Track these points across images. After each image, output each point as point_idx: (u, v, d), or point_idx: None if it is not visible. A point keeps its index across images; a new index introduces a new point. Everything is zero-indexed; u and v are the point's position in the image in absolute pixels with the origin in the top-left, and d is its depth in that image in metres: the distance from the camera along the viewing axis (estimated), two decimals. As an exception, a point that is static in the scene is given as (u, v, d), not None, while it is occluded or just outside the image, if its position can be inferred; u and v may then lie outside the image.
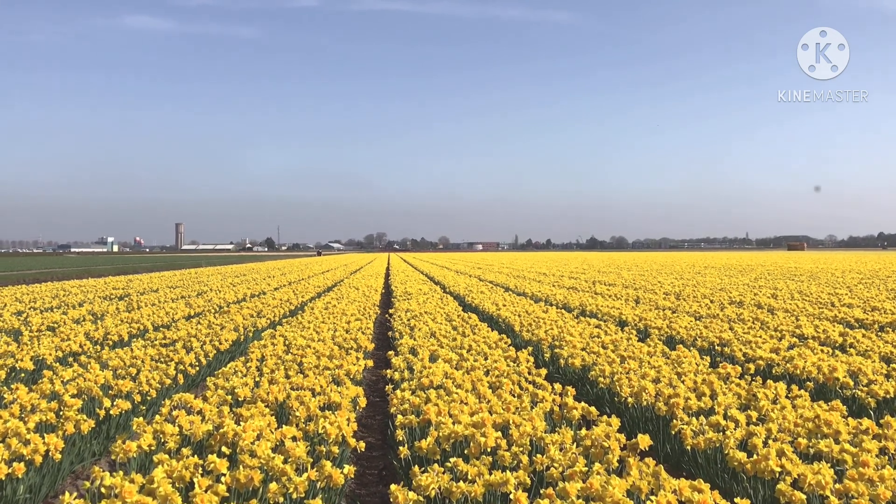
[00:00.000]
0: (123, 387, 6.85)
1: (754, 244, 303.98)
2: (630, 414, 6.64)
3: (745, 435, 4.94)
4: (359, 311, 14.14)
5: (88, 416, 6.03)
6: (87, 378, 7.00)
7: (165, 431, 5.01)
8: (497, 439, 4.76)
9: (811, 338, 10.01)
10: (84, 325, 12.21)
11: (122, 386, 6.86)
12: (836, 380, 6.83)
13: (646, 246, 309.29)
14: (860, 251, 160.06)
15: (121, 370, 7.80)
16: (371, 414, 8.14)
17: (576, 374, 8.63)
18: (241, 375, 7.44)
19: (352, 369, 7.57)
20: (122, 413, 6.57)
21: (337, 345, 9.45)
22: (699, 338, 10.13)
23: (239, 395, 6.44)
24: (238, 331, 11.88)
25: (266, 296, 19.92)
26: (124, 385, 6.87)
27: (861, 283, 24.32)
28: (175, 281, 30.90)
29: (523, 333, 11.29)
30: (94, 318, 14.46)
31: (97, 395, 6.59)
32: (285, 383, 6.69)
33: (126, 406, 6.46)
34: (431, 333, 10.37)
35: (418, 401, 5.86)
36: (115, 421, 6.69)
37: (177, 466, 4.25)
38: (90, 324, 12.63)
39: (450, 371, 7.02)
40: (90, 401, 6.67)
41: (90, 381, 6.89)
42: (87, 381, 6.79)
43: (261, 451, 4.45)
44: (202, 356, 9.33)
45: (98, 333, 11.25)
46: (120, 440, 4.78)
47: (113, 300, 19.80)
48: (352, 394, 6.48)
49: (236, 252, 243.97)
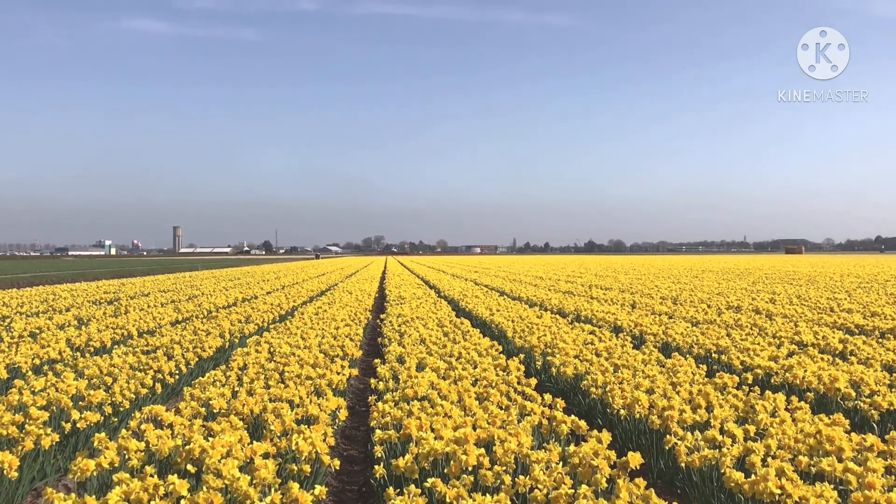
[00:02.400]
0: (94, 398, 6.56)
1: (752, 248, 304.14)
2: (622, 427, 6.36)
3: (742, 451, 4.66)
4: (350, 317, 13.86)
5: (55, 429, 5.76)
6: (59, 388, 6.73)
7: (129, 448, 4.73)
8: (480, 457, 4.47)
9: (811, 345, 9.73)
10: (67, 331, 11.92)
11: (94, 397, 6.57)
12: (838, 390, 6.56)
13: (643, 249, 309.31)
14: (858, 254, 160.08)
15: (96, 379, 7.52)
16: (356, 425, 7.86)
17: (568, 383, 8.36)
18: (220, 385, 7.16)
19: (334, 379, 7.29)
20: (91, 426, 6.29)
21: (323, 352, 9.16)
22: (696, 345, 9.86)
23: (214, 407, 6.16)
24: (224, 337, 11.59)
25: (257, 300, 19.63)
26: (95, 396, 6.58)
27: (860, 287, 24.06)
28: (168, 285, 30.59)
29: (516, 340, 11.02)
30: (78, 324, 14.17)
31: (66, 406, 6.30)
32: (263, 394, 6.40)
33: (96, 418, 6.18)
34: (421, 340, 10.09)
35: (400, 414, 5.59)
36: (85, 434, 6.40)
37: (135, 487, 3.97)
38: (73, 329, 12.34)
39: (436, 381, 6.73)
40: (60, 412, 6.38)
41: (62, 391, 6.62)
42: (59, 392, 6.52)
43: (226, 470, 4.16)
44: (183, 364, 9.05)
45: (80, 339, 10.95)
46: (80, 457, 4.50)
47: (102, 304, 19.50)
48: (332, 406, 6.21)
49: (234, 255, 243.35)
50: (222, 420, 5.47)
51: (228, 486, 4.05)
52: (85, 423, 6.09)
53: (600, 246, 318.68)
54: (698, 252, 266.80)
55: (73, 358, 9.48)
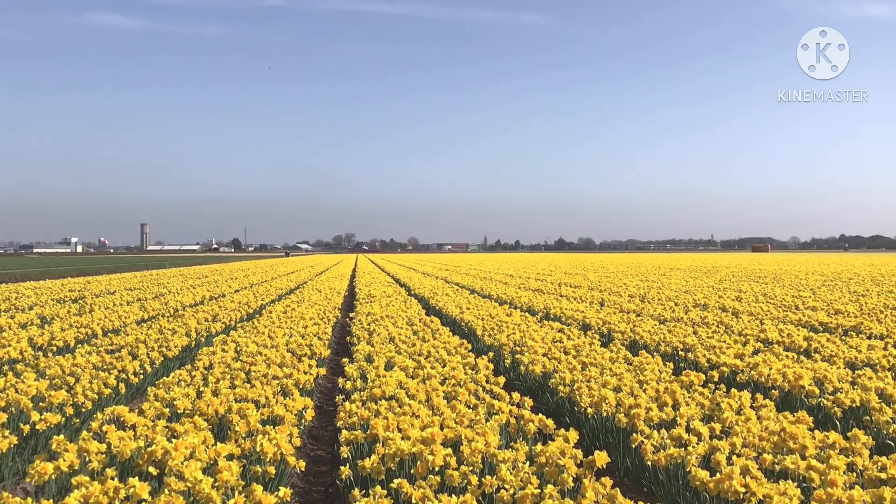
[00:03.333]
0: (55, 398, 6.42)
1: (719, 246, 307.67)
2: (590, 425, 6.38)
3: (708, 449, 4.69)
4: (318, 315, 13.77)
5: (13, 431, 5.64)
6: (18, 389, 6.58)
7: (90, 450, 4.63)
8: (447, 457, 4.45)
9: (776, 342, 9.85)
10: (29, 330, 11.69)
11: (55, 398, 6.44)
12: (802, 388, 6.63)
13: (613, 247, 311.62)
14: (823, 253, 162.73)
15: (58, 379, 7.38)
16: (324, 424, 7.79)
17: (536, 381, 8.37)
18: (185, 385, 7.06)
19: (301, 379, 7.22)
20: (51, 428, 6.16)
21: (290, 351, 9.09)
22: (663, 343, 9.93)
23: (178, 408, 6.07)
24: (190, 336, 11.44)
25: (225, 298, 19.44)
26: (56, 396, 6.45)
27: (824, 285, 24.44)
28: (135, 283, 30.19)
29: (485, 338, 11.01)
30: (41, 323, 13.91)
31: (26, 407, 6.16)
32: (229, 394, 6.32)
33: (56, 420, 6.05)
34: (390, 339, 10.05)
35: (367, 414, 5.55)
36: (44, 436, 6.26)
37: (94, 490, 3.89)
38: (36, 329, 12.11)
39: (404, 380, 6.70)
40: (19, 414, 6.24)
41: (22, 391, 6.48)
42: (18, 393, 6.37)
43: (189, 472, 4.09)
44: (148, 364, 8.92)
45: (43, 339, 10.74)
46: (38, 460, 4.40)
47: (66, 303, 19.17)
48: (299, 406, 6.15)
49: (202, 253, 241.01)
50: (186, 421, 5.39)
51: (191, 489, 3.98)
52: (45, 424, 5.96)
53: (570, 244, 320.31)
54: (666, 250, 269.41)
55: (34, 358, 9.29)
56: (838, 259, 74.95)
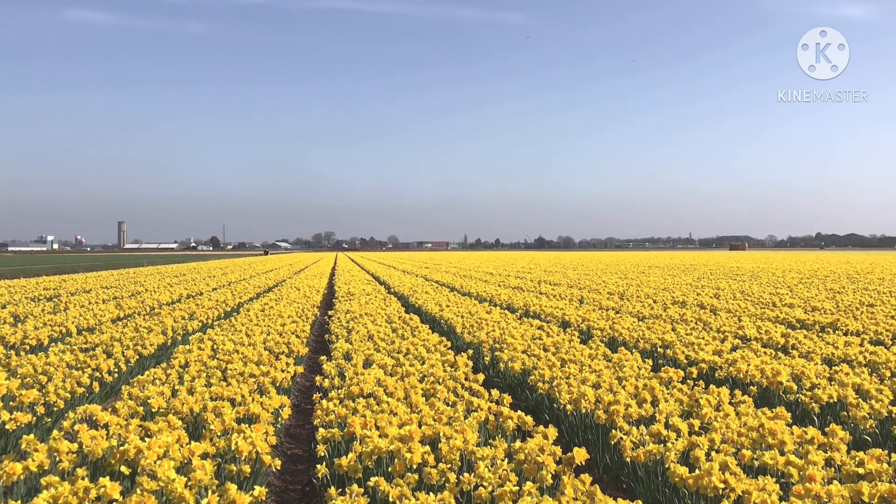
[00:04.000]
0: (26, 398, 6.30)
1: (697, 244, 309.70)
2: (569, 422, 6.35)
3: (687, 446, 4.67)
4: (297, 313, 13.66)
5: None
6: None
7: (60, 449, 4.54)
8: (425, 454, 4.40)
9: (754, 339, 9.90)
10: (1, 329, 11.49)
11: (26, 397, 6.32)
12: (780, 384, 6.65)
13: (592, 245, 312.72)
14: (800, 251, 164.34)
15: (29, 378, 7.24)
16: (301, 423, 7.72)
17: (516, 378, 8.34)
18: (160, 383, 6.97)
19: (278, 377, 7.14)
20: (22, 427, 6.04)
21: (268, 349, 8.99)
22: (641, 339, 9.94)
23: (152, 406, 5.97)
24: (166, 334, 11.31)
25: (202, 297, 19.25)
26: (27, 396, 6.33)
27: (801, 282, 24.64)
28: (111, 281, 29.85)
29: (464, 335, 10.97)
30: (14, 321, 13.70)
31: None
32: (204, 392, 6.23)
33: (27, 419, 5.93)
34: (369, 336, 9.98)
35: (345, 412, 5.48)
36: (15, 436, 6.14)
37: (64, 491, 3.80)
38: (9, 327, 11.91)
39: (383, 378, 6.65)
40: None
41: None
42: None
43: (161, 471, 4.02)
44: (123, 362, 8.79)
45: (15, 337, 10.57)
46: (7, 460, 4.30)
47: (41, 301, 18.91)
48: (275, 404, 6.07)
49: (180, 251, 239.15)
50: (160, 420, 5.30)
51: (163, 489, 3.90)
52: (15, 424, 5.84)
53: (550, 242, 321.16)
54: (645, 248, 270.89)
55: (6, 356, 9.13)
56: (815, 257, 75.66)
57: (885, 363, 7.65)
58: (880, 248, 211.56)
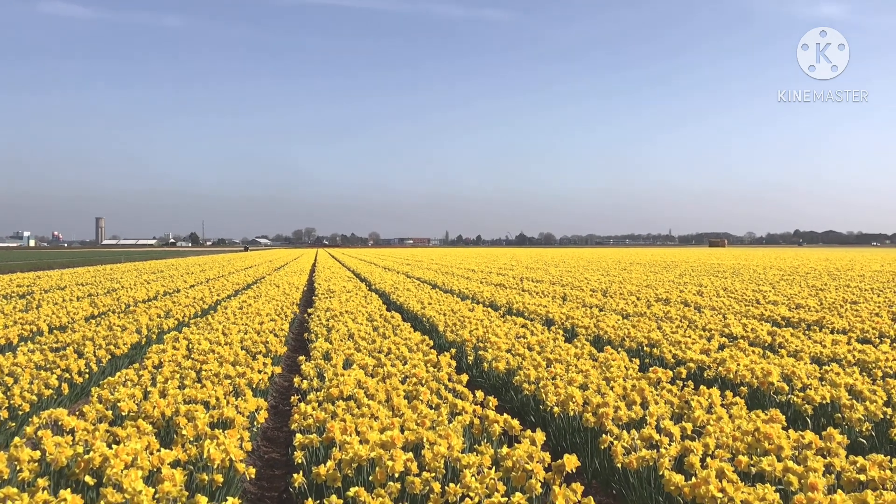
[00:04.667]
0: (-11, 401, 6.02)
1: (677, 241, 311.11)
2: (556, 425, 6.16)
3: (680, 451, 4.50)
4: (276, 311, 13.39)
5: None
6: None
7: (21, 458, 4.28)
8: (408, 462, 4.19)
9: (741, 337, 9.77)
10: (-31, 328, 11.14)
11: (-12, 400, 6.04)
12: (771, 384, 6.49)
13: (573, 242, 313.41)
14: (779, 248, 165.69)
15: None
16: (279, 425, 7.47)
17: (500, 378, 8.14)
18: (132, 385, 6.70)
19: (255, 378, 6.90)
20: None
21: (245, 349, 8.74)
22: (627, 338, 9.78)
23: (122, 410, 5.71)
24: (141, 333, 11.01)
25: (179, 294, 18.90)
26: (-10, 399, 6.05)
27: (783, 279, 24.66)
28: (87, 278, 29.36)
29: (447, 334, 10.76)
30: (-16, 320, 13.30)
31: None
32: (177, 395, 5.97)
33: (-11, 424, 5.66)
34: (350, 335, 9.75)
35: (323, 415, 5.25)
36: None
37: None
38: (-23, 326, 11.56)
39: (363, 379, 6.42)
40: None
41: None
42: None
43: (128, 482, 3.77)
44: (94, 362, 8.51)
45: (-17, 337, 10.24)
46: (-37, 470, 4.04)
47: (12, 299, 18.50)
48: (251, 407, 5.83)
49: (159, 247, 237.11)
50: (130, 424, 5.05)
51: (129, 501, 3.66)
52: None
53: (531, 239, 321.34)
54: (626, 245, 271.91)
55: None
56: (794, 254, 76.23)
57: (875, 362, 7.53)
58: (857, 245, 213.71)
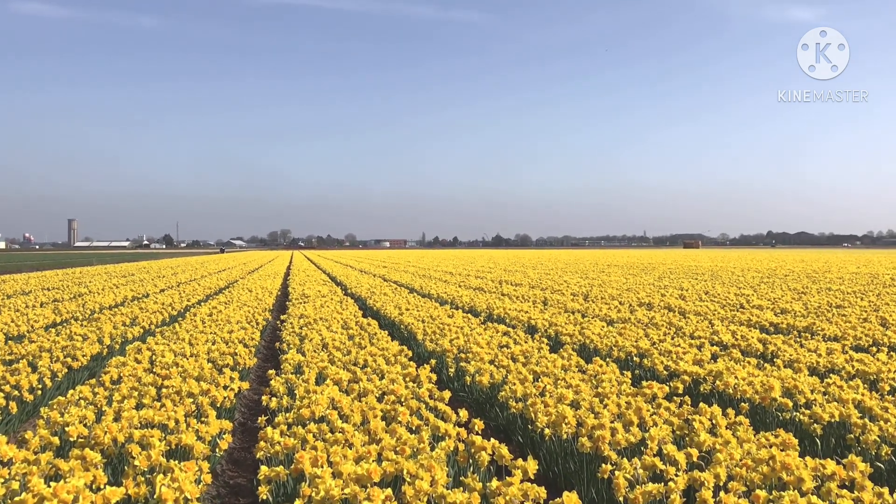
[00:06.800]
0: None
1: (651, 242, 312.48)
2: (547, 447, 5.70)
3: (688, 481, 4.06)
4: (247, 318, 12.84)
5: None
6: None
7: (-58, 500, 3.75)
8: (386, 500, 3.71)
9: (731, 345, 9.39)
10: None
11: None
12: (774, 400, 6.08)
13: (549, 244, 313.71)
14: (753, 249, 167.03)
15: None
16: (247, 444, 6.94)
17: (484, 392, 7.68)
18: (85, 404, 6.16)
19: (219, 396, 6.37)
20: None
21: (211, 361, 8.22)
22: (615, 347, 9.36)
23: (70, 435, 5.18)
24: (102, 342, 10.42)
25: (148, 299, 18.25)
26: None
27: (762, 282, 24.46)
28: (55, 282, 28.53)
29: (427, 343, 10.28)
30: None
31: None
32: (133, 416, 5.45)
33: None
34: (324, 345, 9.24)
35: (293, 442, 4.76)
36: None
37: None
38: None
39: (337, 397, 5.93)
40: None
41: None
42: None
43: (63, 532, 3.27)
44: (48, 377, 7.93)
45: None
46: None
47: (-28, 305, 17.73)
48: (214, 430, 5.33)
49: (132, 249, 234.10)
50: (76, 454, 4.52)
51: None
52: None
53: (508, 240, 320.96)
54: (601, 246, 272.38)
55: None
56: (769, 255, 76.61)
57: (878, 374, 7.16)
58: (828, 246, 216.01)
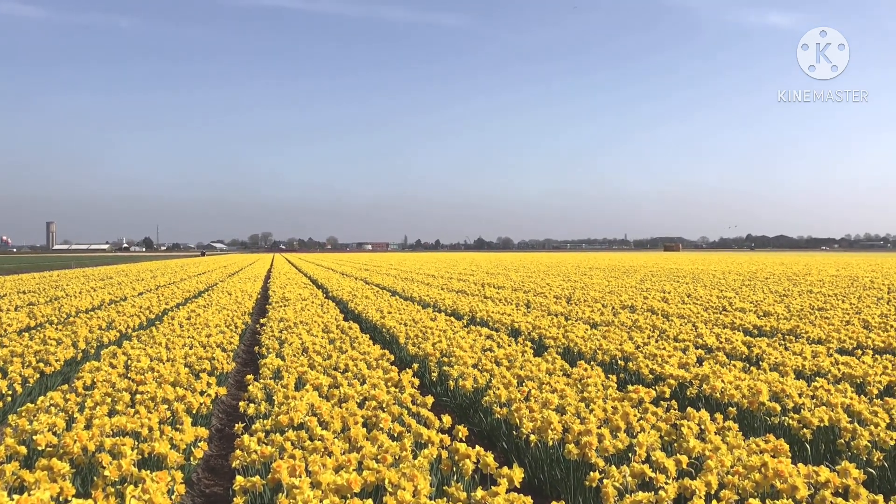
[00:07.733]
0: None
1: (632, 245, 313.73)
2: (532, 454, 5.57)
3: (678, 490, 3.94)
4: (225, 322, 12.63)
5: None
6: None
7: None
8: (367, 512, 3.57)
9: (716, 349, 9.32)
10: None
11: None
12: (762, 404, 6.00)
13: (531, 246, 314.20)
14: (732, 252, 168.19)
15: None
16: (224, 451, 6.75)
17: (467, 397, 7.55)
18: (56, 411, 5.96)
19: (194, 403, 6.19)
20: None
21: (188, 366, 8.02)
22: (599, 350, 9.25)
23: (39, 444, 4.99)
24: (77, 347, 10.18)
25: (126, 302, 17.96)
26: None
27: (744, 285, 24.51)
28: (31, 285, 28.07)
29: (409, 347, 10.14)
30: None
31: None
32: (105, 424, 5.26)
33: None
34: (304, 349, 9.07)
35: (270, 451, 4.60)
36: None
37: None
38: None
39: (317, 403, 5.77)
40: None
41: None
42: None
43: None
44: (19, 383, 7.71)
45: None
46: None
47: (-56, 309, 17.36)
48: (188, 438, 5.15)
49: (112, 252, 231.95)
50: (42, 464, 4.33)
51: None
52: None
53: (489, 243, 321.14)
54: (583, 249, 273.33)
55: None
56: (749, 258, 77.07)
57: (864, 377, 7.11)
58: (807, 250, 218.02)
